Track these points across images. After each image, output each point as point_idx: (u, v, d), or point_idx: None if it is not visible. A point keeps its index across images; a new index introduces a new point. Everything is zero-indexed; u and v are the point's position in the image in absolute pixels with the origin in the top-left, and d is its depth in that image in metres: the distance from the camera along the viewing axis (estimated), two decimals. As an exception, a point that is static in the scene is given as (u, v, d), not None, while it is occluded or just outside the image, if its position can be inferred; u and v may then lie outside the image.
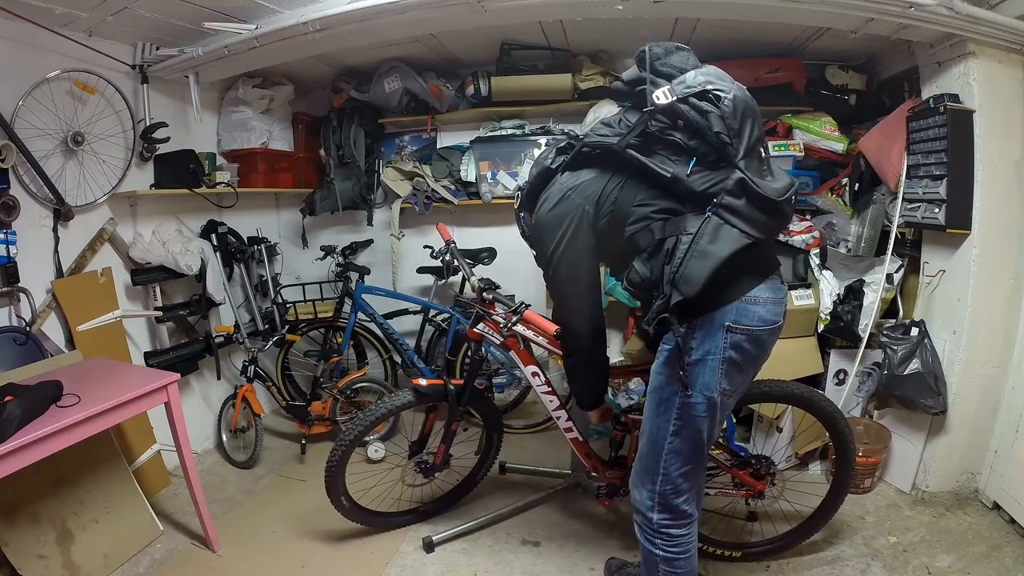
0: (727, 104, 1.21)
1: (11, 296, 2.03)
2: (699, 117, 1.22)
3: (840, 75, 2.78)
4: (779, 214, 1.28)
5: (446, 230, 2.28)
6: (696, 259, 1.23)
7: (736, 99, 1.22)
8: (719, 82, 1.23)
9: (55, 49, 2.12)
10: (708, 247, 1.23)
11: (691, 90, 1.22)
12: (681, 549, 1.47)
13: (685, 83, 1.24)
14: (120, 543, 2.04)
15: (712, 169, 1.27)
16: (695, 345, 1.33)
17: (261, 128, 3.01)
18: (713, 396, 1.34)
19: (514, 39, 2.83)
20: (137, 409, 1.82)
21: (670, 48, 1.33)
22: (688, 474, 1.42)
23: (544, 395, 1.93)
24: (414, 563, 2.02)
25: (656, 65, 1.31)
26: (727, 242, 1.23)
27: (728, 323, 1.31)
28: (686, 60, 1.32)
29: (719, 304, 1.31)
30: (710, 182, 1.25)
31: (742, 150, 1.23)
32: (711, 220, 1.24)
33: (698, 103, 1.22)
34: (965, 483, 2.26)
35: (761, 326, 1.33)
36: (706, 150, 1.26)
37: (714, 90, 1.21)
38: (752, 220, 1.24)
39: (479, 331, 1.93)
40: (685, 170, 1.27)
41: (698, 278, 1.23)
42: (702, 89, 1.22)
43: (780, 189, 1.26)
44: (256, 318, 3.01)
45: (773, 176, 1.31)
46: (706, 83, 1.22)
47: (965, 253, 2.11)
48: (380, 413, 1.97)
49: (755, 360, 1.40)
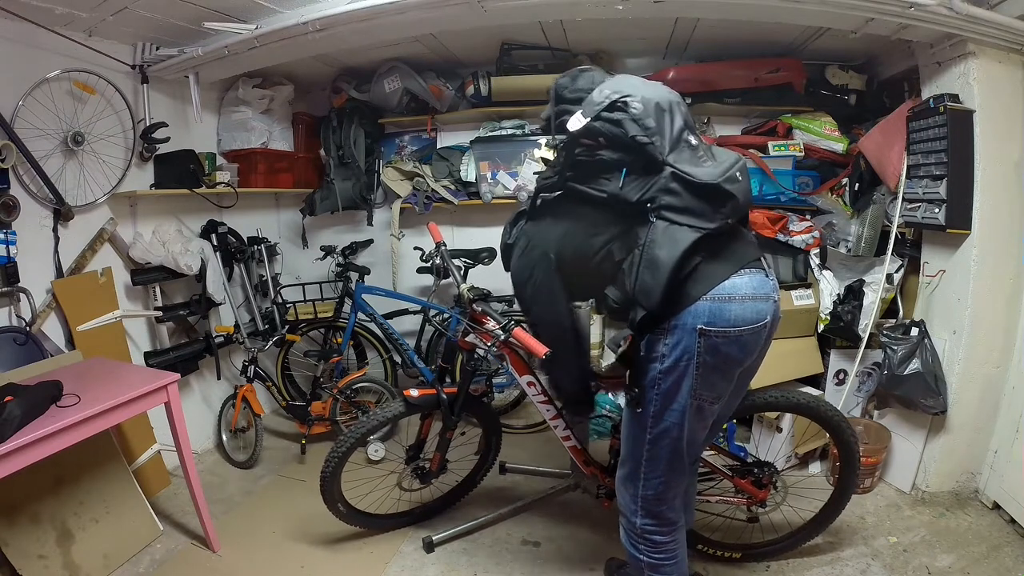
0: (636, 106, 1.21)
1: (11, 296, 2.03)
2: (614, 128, 1.22)
3: (840, 75, 2.78)
4: (725, 196, 1.21)
5: (437, 230, 2.18)
6: (647, 269, 1.21)
7: (644, 99, 1.21)
8: (624, 88, 1.23)
9: (55, 49, 2.12)
10: (657, 253, 1.20)
11: (599, 106, 1.22)
12: (666, 556, 1.45)
13: (592, 102, 1.24)
14: (120, 543, 2.04)
15: (644, 175, 1.24)
16: (666, 351, 1.28)
17: (261, 128, 3.01)
18: (689, 404, 1.30)
19: (514, 39, 2.83)
20: (137, 409, 1.82)
21: (575, 74, 1.36)
22: (669, 482, 1.40)
23: (540, 404, 1.90)
24: (414, 563, 2.02)
25: (565, 95, 1.33)
26: (676, 243, 1.20)
27: (701, 326, 1.24)
28: (592, 80, 1.32)
29: (686, 303, 1.25)
30: (644, 188, 1.23)
31: (667, 145, 1.22)
32: (656, 225, 1.22)
33: (609, 115, 1.22)
34: (965, 483, 2.25)
35: (740, 327, 1.26)
36: (633, 158, 1.24)
37: (620, 98, 1.22)
38: (697, 212, 1.21)
39: (470, 342, 1.89)
40: (618, 185, 1.25)
41: (655, 288, 1.20)
42: (609, 101, 1.22)
43: (719, 171, 1.21)
44: (256, 318, 3.01)
45: (714, 159, 1.27)
46: (611, 94, 1.22)
47: (965, 253, 2.11)
48: (372, 424, 1.96)
49: (739, 362, 1.32)
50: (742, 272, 1.28)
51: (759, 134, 2.85)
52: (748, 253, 1.32)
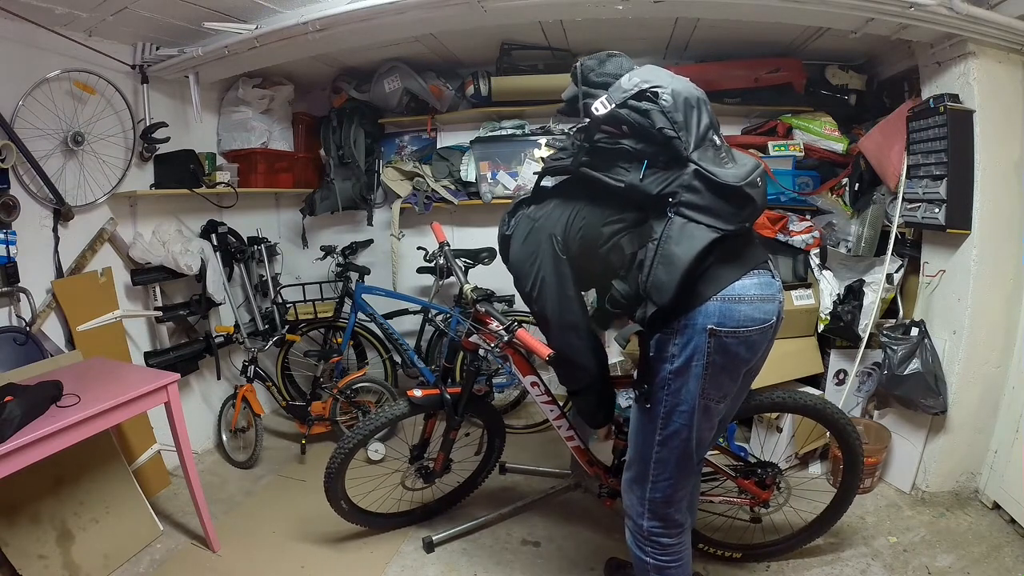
0: (666, 98, 1.17)
1: (11, 296, 2.03)
2: (640, 118, 1.19)
3: (840, 75, 2.78)
4: (745, 200, 1.20)
5: (441, 230, 2.18)
6: (663, 264, 1.19)
7: (675, 92, 1.18)
8: (655, 79, 1.20)
9: (55, 49, 2.12)
10: (674, 250, 1.18)
11: (627, 93, 1.19)
12: (672, 558, 1.44)
13: (620, 88, 1.21)
14: (120, 543, 2.04)
15: (665, 169, 1.22)
16: (676, 351, 1.27)
17: (261, 128, 3.01)
18: (698, 404, 1.29)
19: (514, 39, 2.83)
20: (137, 409, 1.82)
21: (603, 57, 1.31)
22: (678, 483, 1.38)
23: (544, 404, 1.89)
24: (414, 563, 2.02)
25: (590, 77, 1.29)
26: (694, 240, 1.18)
27: (711, 326, 1.23)
28: (620, 65, 1.29)
29: (697, 303, 1.24)
30: (665, 182, 1.21)
31: (692, 142, 1.19)
32: (674, 221, 1.20)
33: (637, 104, 1.19)
34: (965, 483, 2.25)
35: (750, 326, 1.25)
36: (655, 150, 1.21)
37: (651, 88, 1.18)
38: (717, 212, 1.19)
39: (474, 342, 1.89)
40: (638, 176, 1.22)
41: (669, 284, 1.18)
42: (639, 90, 1.19)
43: (742, 174, 1.20)
44: (256, 318, 3.01)
45: (734, 162, 1.24)
46: (641, 83, 1.19)
47: (965, 253, 2.11)
48: (377, 424, 1.96)
49: (747, 362, 1.31)
50: (752, 273, 1.28)
51: (759, 134, 2.85)
52: (757, 255, 1.32)
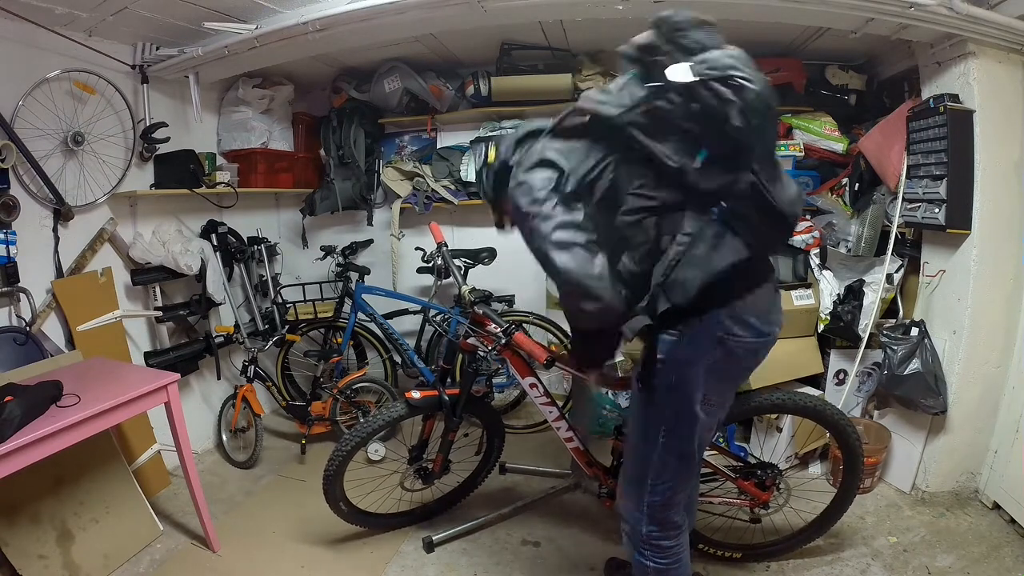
0: (752, 96, 1.03)
1: (11, 296, 2.04)
2: (719, 105, 1.04)
3: (840, 75, 2.78)
4: (786, 227, 1.18)
5: (439, 231, 2.15)
6: (691, 266, 1.13)
7: (762, 93, 1.04)
8: (746, 70, 1.04)
9: (55, 49, 2.12)
10: (708, 254, 1.13)
11: (714, 72, 1.03)
12: (672, 560, 1.43)
13: (708, 63, 1.05)
14: (120, 543, 2.04)
15: (723, 167, 1.11)
16: (683, 356, 1.25)
17: (261, 128, 3.01)
18: (699, 409, 1.28)
19: (514, 39, 2.83)
20: (137, 409, 1.82)
21: (694, 20, 1.11)
22: (677, 487, 1.38)
23: (543, 406, 1.89)
24: (414, 563, 2.02)
25: (677, 37, 1.10)
26: (728, 252, 1.14)
27: (720, 334, 1.22)
28: (711, 37, 1.11)
29: (707, 309, 1.20)
30: (719, 181, 1.11)
31: (760, 151, 1.11)
32: (714, 225, 1.14)
33: (720, 88, 1.03)
34: (965, 483, 2.25)
35: (756, 338, 1.25)
36: (719, 144, 1.09)
37: (740, 77, 1.02)
38: (758, 231, 1.16)
39: (472, 344, 1.89)
40: (693, 163, 1.10)
41: (691, 286, 1.13)
42: (726, 74, 1.03)
43: (790, 199, 1.16)
44: (256, 318, 3.01)
45: (783, 184, 1.18)
46: (732, 67, 1.03)
47: (965, 253, 2.11)
48: (375, 425, 1.96)
49: (749, 370, 1.35)
50: (764, 285, 1.28)
51: (759, 134, 2.84)
52: (767, 268, 1.31)
